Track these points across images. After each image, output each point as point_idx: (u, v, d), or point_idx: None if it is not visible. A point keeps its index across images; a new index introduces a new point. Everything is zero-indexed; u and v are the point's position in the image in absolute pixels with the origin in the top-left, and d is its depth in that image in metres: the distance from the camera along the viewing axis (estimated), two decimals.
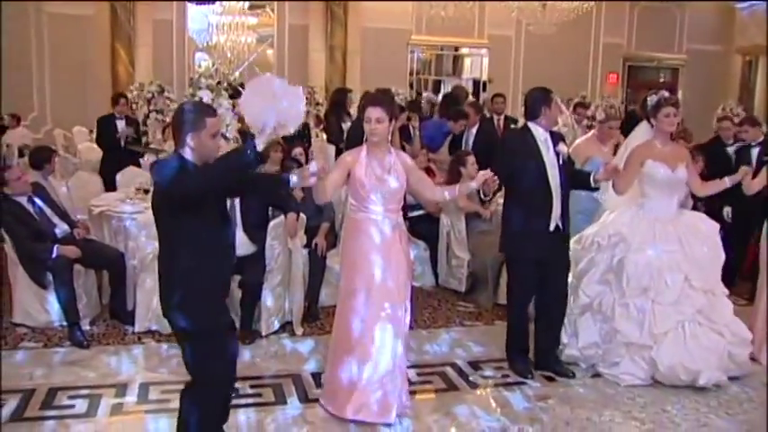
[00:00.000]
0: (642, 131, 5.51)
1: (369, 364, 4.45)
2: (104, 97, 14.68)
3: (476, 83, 18.00)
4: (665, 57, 18.78)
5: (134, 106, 11.23)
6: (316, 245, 6.25)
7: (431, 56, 18.20)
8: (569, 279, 5.42)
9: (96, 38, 15.07)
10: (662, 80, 19.35)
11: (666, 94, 5.33)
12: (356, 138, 7.68)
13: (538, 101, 5.13)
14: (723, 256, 5.40)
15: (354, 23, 16.10)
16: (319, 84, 15.65)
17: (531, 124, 5.14)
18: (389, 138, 4.57)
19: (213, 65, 16.59)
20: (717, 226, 5.50)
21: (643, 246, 5.21)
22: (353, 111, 9.77)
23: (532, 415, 4.72)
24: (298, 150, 6.83)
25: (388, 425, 4.44)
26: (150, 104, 10.78)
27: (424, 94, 16.90)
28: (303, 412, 4.65)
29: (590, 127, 9.72)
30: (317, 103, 13.91)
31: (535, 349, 5.42)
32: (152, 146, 10.08)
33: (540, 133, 5.10)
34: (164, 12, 15.74)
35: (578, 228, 5.65)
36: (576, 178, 5.25)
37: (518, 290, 5.30)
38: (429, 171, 7.50)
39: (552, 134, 5.17)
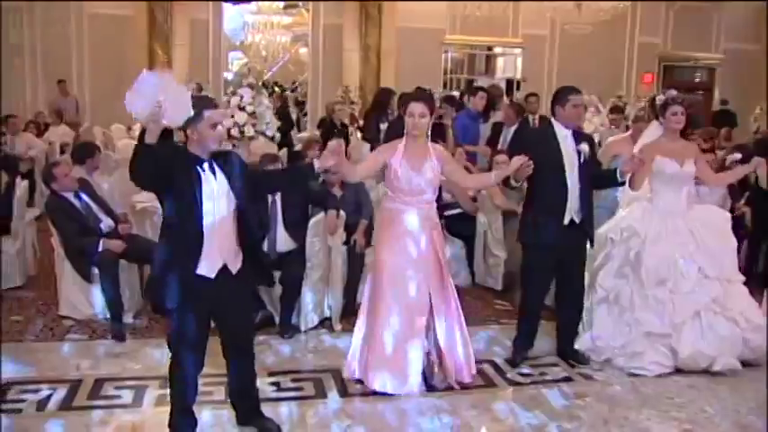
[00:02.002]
0: (653, 130, 5.71)
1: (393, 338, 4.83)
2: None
3: (509, 82, 17.98)
4: (701, 56, 18.64)
5: None
6: (355, 242, 6.31)
7: (463, 55, 18.22)
8: (588, 274, 5.60)
9: (134, 37, 15.35)
10: (698, 80, 19.19)
11: (674, 93, 5.56)
12: (394, 136, 7.75)
13: (554, 99, 5.32)
14: (735, 244, 5.57)
15: (389, 23, 16.17)
16: (353, 83, 15.75)
17: (553, 121, 5.29)
18: (428, 132, 4.85)
19: (246, 64, 16.79)
20: (727, 215, 5.74)
21: (657, 239, 5.36)
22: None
23: (570, 412, 4.73)
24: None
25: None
26: None
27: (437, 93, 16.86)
28: (344, 406, 4.71)
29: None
30: (352, 102, 13.99)
31: (557, 339, 5.63)
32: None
33: (560, 129, 5.21)
34: (200, 11, 15.96)
35: (600, 221, 5.82)
36: (601, 177, 5.40)
37: (530, 275, 5.44)
38: (467, 171, 7.51)
39: (577, 134, 5.27)
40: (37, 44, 15.21)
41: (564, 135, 5.19)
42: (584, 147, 5.20)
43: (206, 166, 3.82)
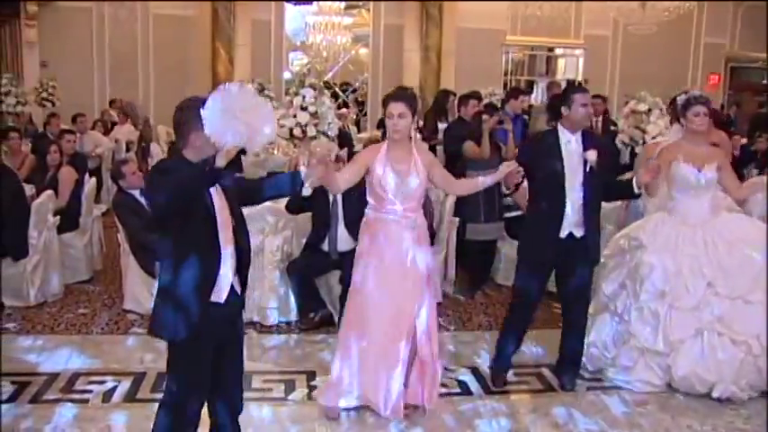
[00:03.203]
0: (674, 132, 5.39)
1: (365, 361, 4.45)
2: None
3: (570, 84, 17.77)
4: None
5: None
6: None
7: (524, 56, 18.10)
8: (597, 280, 5.30)
9: (198, 37, 15.63)
10: (766, 81, 18.67)
11: (697, 92, 5.11)
12: (453, 137, 7.77)
13: (559, 101, 4.87)
14: (764, 264, 4.98)
15: (449, 23, 16.13)
16: (414, 83, 15.75)
17: (558, 125, 4.87)
18: (410, 134, 4.44)
19: (306, 64, 16.95)
20: (764, 227, 5.18)
21: (662, 249, 5.01)
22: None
23: (631, 420, 4.65)
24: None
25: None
26: None
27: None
28: None
29: None
30: None
31: (559, 353, 5.22)
32: None
33: (564, 135, 4.80)
34: (262, 12, 16.18)
35: None
36: (614, 188, 5.02)
37: (517, 289, 5.10)
38: None
39: (586, 138, 4.83)
40: (104, 44, 15.62)
41: (567, 140, 4.77)
42: (591, 154, 4.70)
43: None
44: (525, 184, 4.97)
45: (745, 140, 9.89)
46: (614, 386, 5.11)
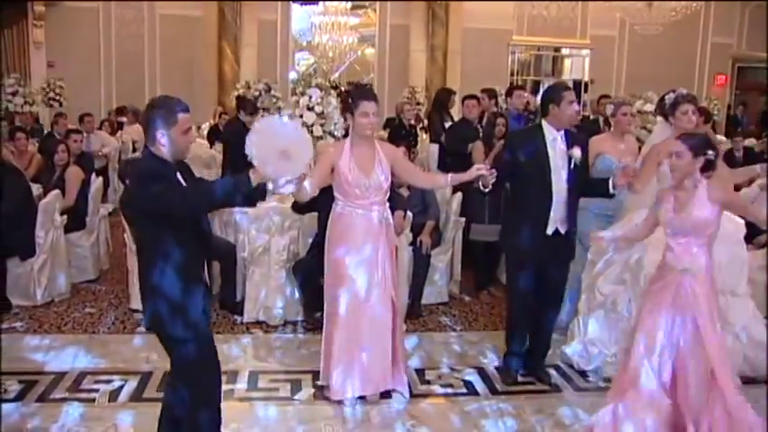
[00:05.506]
0: (661, 130, 5.33)
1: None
2: (211, 95, 15.33)
3: (576, 84, 17.77)
4: None
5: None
6: (420, 242, 6.31)
7: (530, 56, 18.09)
8: (586, 279, 5.35)
9: (204, 37, 15.69)
10: None
11: (684, 91, 5.12)
12: (456, 137, 7.78)
13: (547, 98, 4.84)
14: (746, 256, 5.15)
15: (455, 23, 16.17)
16: (420, 83, 15.78)
17: (543, 122, 4.86)
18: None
19: (313, 64, 16.98)
20: (741, 224, 5.17)
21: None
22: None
23: None
24: (401, 150, 6.88)
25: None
26: (257, 102, 11.10)
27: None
28: (408, 407, 4.70)
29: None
30: (418, 103, 14.01)
31: (527, 353, 5.24)
32: None
33: (550, 132, 4.79)
34: (269, 12, 16.23)
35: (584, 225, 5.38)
36: (591, 187, 4.96)
37: (513, 290, 5.12)
38: None
39: (569, 135, 4.85)
40: (111, 44, 15.69)
41: (553, 138, 4.76)
42: (576, 151, 4.74)
43: (179, 176, 3.36)
44: (507, 185, 4.98)
45: (749, 141, 9.88)
46: None
